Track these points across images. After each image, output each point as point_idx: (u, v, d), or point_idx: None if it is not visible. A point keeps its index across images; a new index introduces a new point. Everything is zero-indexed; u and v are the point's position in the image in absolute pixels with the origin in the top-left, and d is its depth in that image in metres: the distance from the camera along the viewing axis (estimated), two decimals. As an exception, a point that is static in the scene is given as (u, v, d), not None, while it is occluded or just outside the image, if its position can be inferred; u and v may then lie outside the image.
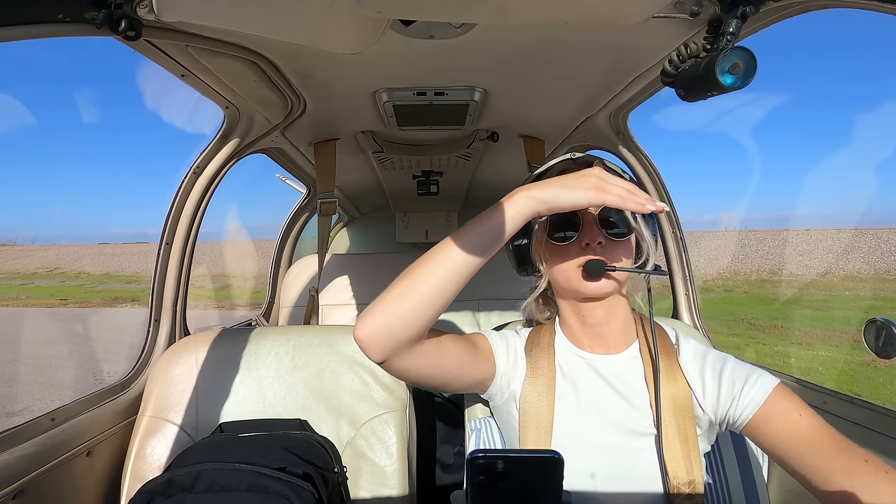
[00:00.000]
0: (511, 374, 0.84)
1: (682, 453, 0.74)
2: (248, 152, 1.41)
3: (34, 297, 17.09)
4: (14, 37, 0.65)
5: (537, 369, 0.82)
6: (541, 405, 0.79)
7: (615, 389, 0.79)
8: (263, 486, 0.88)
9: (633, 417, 0.77)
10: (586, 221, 0.78)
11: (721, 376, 0.76)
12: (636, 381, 0.80)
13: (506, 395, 0.84)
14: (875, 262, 13.21)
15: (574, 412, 0.79)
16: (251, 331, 1.25)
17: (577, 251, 0.78)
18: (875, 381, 6.88)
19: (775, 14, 0.79)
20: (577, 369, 0.82)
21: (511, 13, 0.67)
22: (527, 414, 0.80)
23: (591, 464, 0.76)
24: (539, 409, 0.79)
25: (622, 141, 1.45)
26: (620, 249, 0.78)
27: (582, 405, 0.79)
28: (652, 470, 0.75)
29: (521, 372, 0.84)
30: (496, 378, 0.83)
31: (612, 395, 0.79)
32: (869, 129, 48.33)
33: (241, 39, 0.90)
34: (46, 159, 75.91)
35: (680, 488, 0.72)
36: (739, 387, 0.74)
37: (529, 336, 0.88)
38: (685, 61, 0.78)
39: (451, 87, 1.14)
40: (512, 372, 0.84)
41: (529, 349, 0.86)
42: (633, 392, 0.79)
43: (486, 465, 0.48)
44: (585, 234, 0.77)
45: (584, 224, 0.78)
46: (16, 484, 0.86)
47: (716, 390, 0.76)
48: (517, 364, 0.84)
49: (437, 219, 2.85)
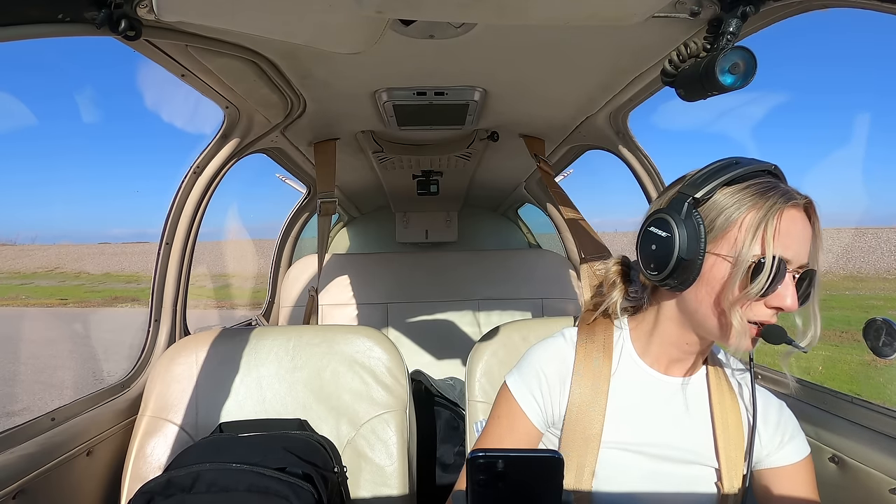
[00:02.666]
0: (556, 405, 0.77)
1: (736, 485, 0.73)
2: (248, 152, 1.41)
3: (34, 296, 17.09)
4: (14, 37, 0.65)
5: (590, 380, 0.76)
6: (591, 424, 0.74)
7: (677, 413, 0.76)
8: (263, 486, 0.88)
9: (693, 445, 0.75)
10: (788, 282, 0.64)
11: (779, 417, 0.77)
12: (701, 408, 0.76)
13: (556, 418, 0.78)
14: (875, 262, 13.20)
15: (627, 431, 0.74)
16: (251, 330, 1.25)
17: (762, 307, 0.65)
18: (875, 381, 6.88)
19: (775, 14, 0.79)
20: (640, 385, 0.77)
21: (511, 13, 0.67)
22: (573, 431, 0.74)
23: (639, 486, 0.73)
24: (587, 427, 0.74)
25: (622, 141, 1.45)
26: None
27: (638, 424, 0.75)
28: (705, 499, 0.73)
29: (566, 391, 0.77)
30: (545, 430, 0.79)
31: (672, 418, 0.75)
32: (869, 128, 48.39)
33: (240, 39, 0.90)
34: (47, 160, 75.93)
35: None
36: (789, 436, 0.75)
37: (580, 336, 0.80)
38: (685, 61, 0.78)
39: (450, 86, 1.14)
40: (556, 404, 0.77)
41: (581, 357, 0.78)
42: (696, 418, 0.76)
43: (486, 464, 0.48)
44: (783, 298, 0.64)
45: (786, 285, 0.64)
46: (16, 484, 0.86)
47: (767, 430, 0.76)
48: (562, 390, 0.77)
49: (437, 219, 2.85)
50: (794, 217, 0.64)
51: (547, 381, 0.77)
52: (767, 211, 0.63)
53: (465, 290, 2.34)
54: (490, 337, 1.10)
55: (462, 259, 2.44)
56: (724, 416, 0.75)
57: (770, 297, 0.64)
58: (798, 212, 0.64)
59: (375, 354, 1.20)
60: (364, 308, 2.31)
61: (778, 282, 0.63)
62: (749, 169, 0.66)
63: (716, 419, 0.75)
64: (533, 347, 0.83)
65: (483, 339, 1.11)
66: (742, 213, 0.64)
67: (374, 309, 2.31)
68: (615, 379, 0.76)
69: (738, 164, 0.67)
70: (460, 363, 2.13)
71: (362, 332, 1.23)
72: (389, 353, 1.21)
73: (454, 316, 2.30)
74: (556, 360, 0.79)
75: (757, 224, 0.63)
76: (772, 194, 0.64)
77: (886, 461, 0.81)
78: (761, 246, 0.62)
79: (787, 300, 0.64)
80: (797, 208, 0.64)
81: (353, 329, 1.26)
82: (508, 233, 3.13)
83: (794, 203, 0.64)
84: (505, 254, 2.52)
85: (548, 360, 0.79)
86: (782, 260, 0.63)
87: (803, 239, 0.65)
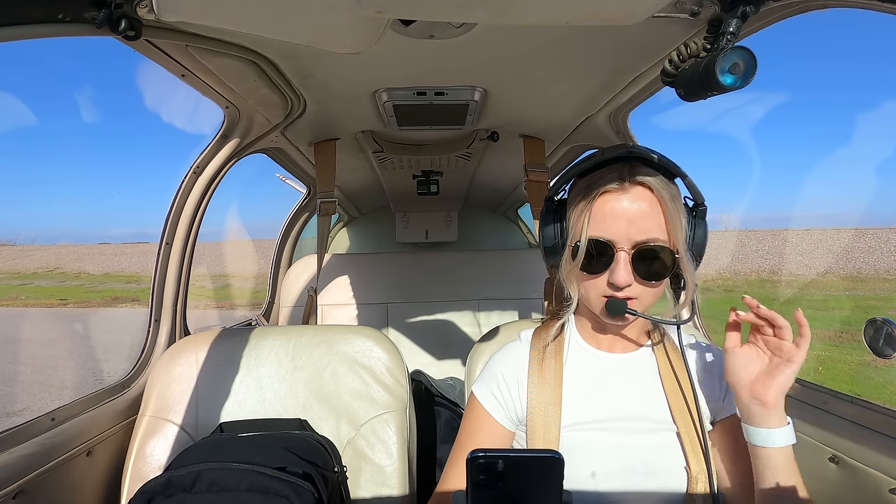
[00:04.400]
0: (516, 401, 0.82)
1: (700, 448, 0.74)
2: (248, 152, 1.41)
3: (34, 296, 17.09)
4: (14, 37, 0.65)
5: (543, 373, 0.81)
6: (549, 412, 0.78)
7: (630, 386, 0.79)
8: (263, 485, 0.88)
9: (651, 413, 0.77)
10: (619, 259, 0.71)
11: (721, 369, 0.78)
12: (651, 378, 0.80)
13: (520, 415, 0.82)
14: (875, 262, 13.21)
15: (586, 411, 0.78)
16: (251, 331, 1.25)
17: (603, 283, 0.74)
18: (875, 381, 6.88)
19: (775, 14, 0.79)
20: (591, 367, 0.82)
21: (511, 13, 0.67)
22: (534, 422, 0.78)
23: (606, 462, 0.76)
24: (547, 415, 0.78)
25: (622, 141, 1.45)
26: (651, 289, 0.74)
27: (596, 403, 0.79)
28: (673, 466, 0.75)
29: (524, 387, 0.81)
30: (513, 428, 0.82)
31: (627, 391, 0.79)
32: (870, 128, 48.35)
33: (241, 39, 0.90)
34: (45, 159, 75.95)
35: (699, 481, 0.73)
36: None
37: (534, 336, 0.86)
38: (685, 61, 0.78)
39: (450, 86, 1.14)
40: (516, 400, 0.82)
41: (535, 354, 0.83)
42: (648, 388, 0.79)
43: (486, 465, 0.48)
44: (615, 274, 0.71)
45: (616, 262, 0.71)
46: (16, 484, 0.86)
47: (713, 384, 0.79)
48: (519, 387, 0.82)
49: (437, 219, 2.85)
50: (611, 199, 0.71)
51: (504, 381, 0.83)
52: (585, 198, 0.73)
53: (465, 290, 2.34)
54: (490, 337, 1.10)
55: (462, 259, 2.44)
56: (671, 381, 0.79)
57: (607, 276, 0.72)
58: (619, 194, 0.71)
59: (375, 354, 1.20)
60: (364, 308, 2.31)
61: (607, 260, 0.72)
62: (594, 161, 0.75)
63: (665, 385, 0.79)
64: (493, 354, 0.89)
65: (483, 339, 1.11)
66: (577, 203, 0.74)
67: (374, 309, 2.31)
68: (567, 367, 0.82)
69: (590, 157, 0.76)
70: (460, 363, 2.13)
71: (362, 332, 1.24)
72: (389, 353, 1.21)
73: (454, 316, 2.30)
74: (510, 360, 0.85)
75: (580, 211, 0.73)
76: (597, 181, 0.73)
77: (886, 461, 0.81)
78: (580, 230, 0.73)
79: (615, 276, 0.71)
80: (618, 191, 0.71)
81: (353, 329, 1.26)
82: (508, 233, 3.13)
83: (612, 188, 0.71)
84: (505, 254, 2.52)
85: (503, 362, 0.85)
86: (601, 241, 0.71)
87: (626, 219, 0.71)
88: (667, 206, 0.71)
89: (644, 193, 0.71)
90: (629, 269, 0.71)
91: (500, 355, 0.87)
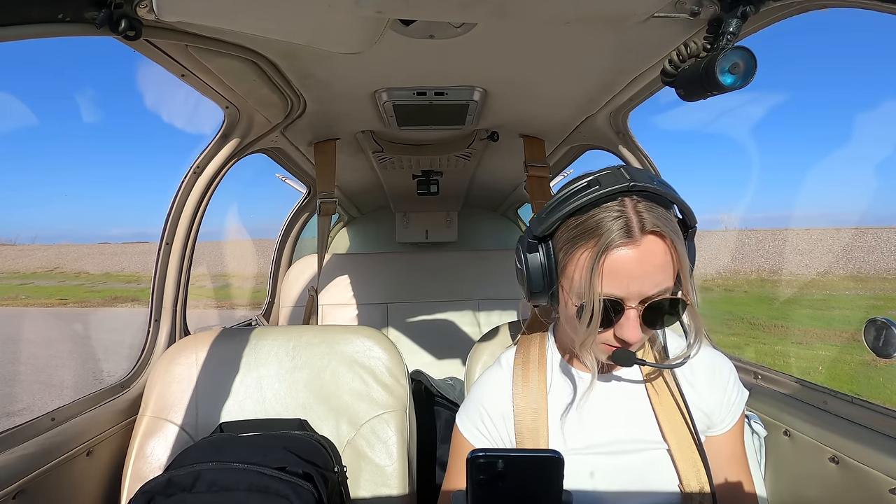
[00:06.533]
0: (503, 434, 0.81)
1: (692, 459, 0.74)
2: (248, 152, 1.41)
3: (34, 296, 17.09)
4: (14, 37, 0.65)
5: (528, 398, 0.79)
6: (538, 443, 0.77)
7: (616, 403, 0.78)
8: (263, 485, 0.88)
9: (639, 433, 0.77)
10: (629, 317, 0.65)
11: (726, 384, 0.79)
12: (638, 396, 0.79)
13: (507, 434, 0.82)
14: (875, 262, 13.21)
15: (575, 437, 0.77)
16: (251, 331, 1.25)
17: (608, 335, 0.68)
18: (875, 381, 6.89)
19: (775, 14, 0.79)
20: (575, 388, 0.80)
21: (511, 13, 0.67)
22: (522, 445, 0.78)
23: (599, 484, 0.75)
24: (535, 435, 0.77)
25: (622, 141, 1.45)
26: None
27: (584, 428, 0.78)
28: (666, 484, 0.74)
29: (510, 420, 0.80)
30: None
31: (614, 412, 0.78)
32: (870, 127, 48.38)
33: (241, 39, 0.90)
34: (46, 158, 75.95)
35: (692, 491, 0.73)
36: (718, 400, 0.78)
37: (515, 358, 0.84)
38: (685, 61, 0.78)
39: (451, 86, 1.14)
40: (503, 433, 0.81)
41: (517, 380, 0.81)
42: (633, 408, 0.78)
43: (486, 464, 0.48)
44: (624, 330, 0.66)
45: (626, 319, 0.65)
46: (16, 484, 0.86)
47: (702, 399, 0.78)
48: (505, 421, 0.80)
49: (437, 219, 2.85)
50: (621, 255, 0.63)
51: (489, 416, 0.81)
52: (587, 247, 0.64)
53: (465, 290, 2.34)
54: (490, 337, 1.10)
55: (462, 259, 2.44)
56: (658, 399, 0.77)
57: (614, 330, 0.67)
58: (630, 249, 0.63)
59: (375, 354, 1.20)
60: (364, 308, 2.32)
61: (616, 318, 0.65)
62: (592, 197, 0.65)
63: (653, 403, 0.77)
64: (475, 382, 0.87)
65: (483, 339, 1.11)
66: (576, 250, 0.66)
67: (374, 309, 2.32)
68: (552, 392, 0.80)
69: (584, 189, 0.66)
70: (460, 363, 2.13)
71: (362, 332, 1.24)
72: (389, 353, 1.21)
73: (454, 316, 2.30)
74: (494, 391, 0.82)
75: (585, 266, 0.64)
76: (603, 232, 0.63)
77: (886, 461, 0.81)
78: (589, 288, 0.64)
79: (625, 333, 0.65)
80: (628, 245, 0.63)
81: (353, 329, 1.26)
82: (508, 233, 3.13)
83: (623, 242, 0.63)
84: (505, 254, 2.52)
85: (487, 395, 0.83)
86: (612, 299, 0.64)
87: (636, 274, 0.63)
88: (678, 253, 0.65)
89: (656, 244, 0.64)
90: (638, 325, 0.65)
91: (483, 387, 0.84)
